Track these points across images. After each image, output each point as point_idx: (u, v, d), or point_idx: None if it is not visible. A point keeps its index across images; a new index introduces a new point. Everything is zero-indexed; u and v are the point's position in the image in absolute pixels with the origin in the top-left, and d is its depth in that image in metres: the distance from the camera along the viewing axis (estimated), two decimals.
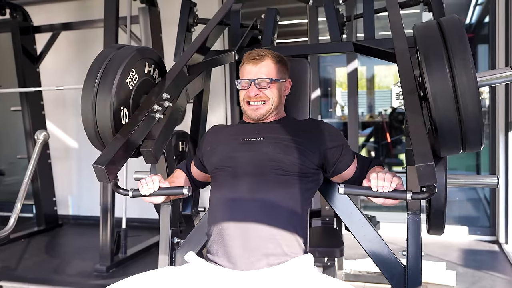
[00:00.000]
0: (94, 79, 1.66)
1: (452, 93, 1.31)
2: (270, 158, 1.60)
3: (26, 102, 4.66)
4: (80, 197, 5.34)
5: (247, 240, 1.51)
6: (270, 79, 1.70)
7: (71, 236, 4.82)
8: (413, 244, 1.68)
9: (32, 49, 4.75)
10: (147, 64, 1.84)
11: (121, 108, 1.70)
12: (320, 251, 2.46)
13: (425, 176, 1.27)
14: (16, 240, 4.43)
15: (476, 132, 1.35)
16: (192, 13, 2.33)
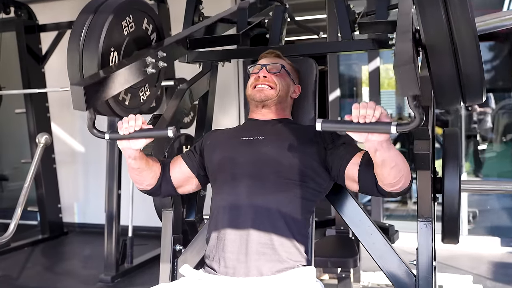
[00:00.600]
0: (87, 16, 1.68)
1: (447, 34, 1.27)
2: (269, 159, 1.65)
3: (30, 104, 4.82)
4: (86, 204, 5.48)
5: (245, 246, 1.57)
6: (282, 65, 1.81)
7: (76, 244, 4.95)
8: (424, 253, 1.71)
9: (37, 48, 4.92)
10: (146, 20, 1.90)
11: (111, 49, 1.71)
12: (333, 261, 2.51)
13: (405, 81, 1.20)
14: (20, 249, 4.58)
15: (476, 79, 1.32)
16: (198, 10, 2.40)
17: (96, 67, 1.64)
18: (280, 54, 1.90)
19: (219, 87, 2.40)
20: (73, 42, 1.66)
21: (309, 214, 1.71)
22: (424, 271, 1.71)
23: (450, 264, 3.83)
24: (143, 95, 1.99)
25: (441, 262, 3.81)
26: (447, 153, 1.82)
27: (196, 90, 2.23)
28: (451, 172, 1.78)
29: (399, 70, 1.19)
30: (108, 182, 3.82)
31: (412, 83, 1.20)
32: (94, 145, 5.28)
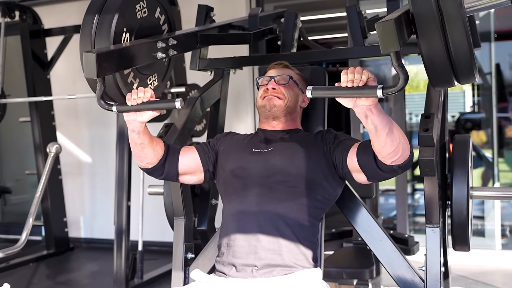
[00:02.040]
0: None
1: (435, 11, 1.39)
2: (278, 170, 1.91)
3: (35, 112, 5.14)
4: (93, 218, 5.78)
5: (254, 252, 1.82)
6: (290, 76, 2.05)
7: (83, 260, 5.25)
8: (432, 259, 1.92)
9: (43, 54, 5.25)
10: (159, 9, 2.16)
11: (124, 29, 1.93)
12: (348, 272, 2.74)
13: (385, 36, 1.34)
14: (25, 264, 4.88)
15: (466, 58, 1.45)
16: (209, 18, 2.67)
17: (108, 43, 1.87)
18: (288, 64, 2.13)
19: (233, 94, 2.66)
20: (88, 19, 1.90)
21: (318, 221, 1.96)
22: (433, 276, 1.92)
23: (481, 280, 4.02)
24: (151, 84, 2.24)
25: (471, 278, 4.02)
26: (456, 160, 2.05)
27: (207, 98, 2.49)
28: (460, 179, 2.01)
29: (380, 26, 1.35)
30: (117, 193, 4.10)
31: (393, 39, 1.34)
32: (102, 156, 5.59)
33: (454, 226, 2.03)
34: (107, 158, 5.34)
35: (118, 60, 1.81)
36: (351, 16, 2.42)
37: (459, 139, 2.15)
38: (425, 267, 1.94)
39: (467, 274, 4.15)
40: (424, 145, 1.83)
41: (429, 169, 1.82)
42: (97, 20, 1.90)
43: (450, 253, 4.40)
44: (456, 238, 2.08)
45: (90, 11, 1.93)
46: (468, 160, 2.05)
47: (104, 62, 1.72)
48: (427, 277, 1.93)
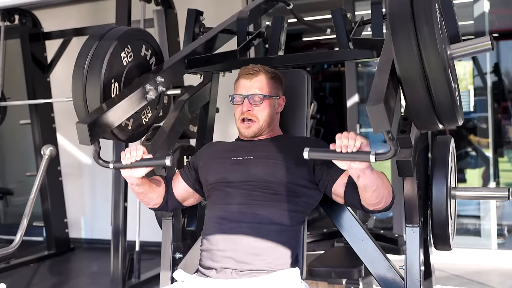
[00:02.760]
0: (89, 50, 2.01)
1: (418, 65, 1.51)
2: (259, 179, 1.95)
3: (35, 114, 5.22)
4: (94, 219, 5.84)
5: (235, 256, 1.87)
6: (263, 95, 2.04)
7: (83, 260, 5.31)
8: (411, 258, 1.96)
9: (42, 57, 5.33)
10: (144, 47, 2.22)
11: (112, 81, 2.03)
12: (337, 271, 2.78)
13: (376, 119, 1.44)
14: (25, 265, 4.96)
15: (447, 105, 1.56)
16: (198, 22, 2.72)
17: (99, 101, 1.98)
18: (260, 68, 2.08)
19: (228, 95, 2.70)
20: (77, 74, 2.01)
21: (300, 225, 2.01)
22: (413, 275, 1.96)
23: (476, 279, 4.05)
24: (145, 118, 2.33)
25: (466, 278, 4.05)
26: (436, 160, 2.09)
27: (196, 100, 2.53)
28: (439, 179, 2.05)
29: (370, 109, 1.46)
30: (114, 194, 4.16)
31: (383, 121, 1.45)
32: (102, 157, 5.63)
33: (434, 225, 2.07)
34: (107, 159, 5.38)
35: (110, 120, 1.91)
36: (337, 19, 2.47)
37: (440, 140, 2.18)
38: (405, 266, 1.98)
39: (462, 274, 4.18)
40: (402, 146, 1.86)
41: (406, 170, 1.86)
42: (86, 76, 1.99)
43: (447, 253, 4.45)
44: (436, 238, 2.12)
45: (78, 64, 2.02)
46: (448, 161, 2.08)
47: (96, 128, 1.83)
48: (407, 276, 1.97)
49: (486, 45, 1.65)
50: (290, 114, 2.22)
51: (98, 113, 1.88)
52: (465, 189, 2.21)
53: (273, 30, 2.60)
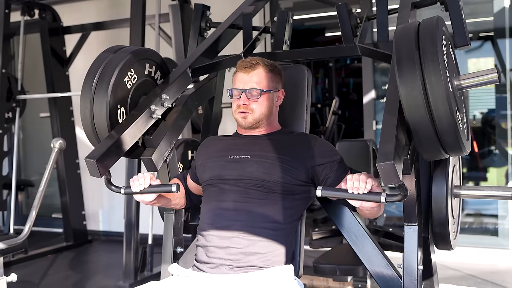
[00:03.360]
0: (92, 79, 2.05)
1: (422, 95, 1.56)
2: (254, 177, 1.95)
3: (55, 108, 5.31)
4: (111, 212, 5.91)
5: (230, 253, 1.87)
6: (261, 90, 2.03)
7: (100, 252, 5.40)
8: (409, 256, 1.93)
9: (62, 51, 5.40)
10: (147, 65, 2.23)
11: (117, 106, 2.08)
12: (341, 268, 2.76)
13: (386, 175, 1.52)
14: (43, 255, 5.07)
15: (451, 134, 1.59)
16: (205, 17, 2.72)
17: (107, 130, 2.03)
18: (258, 61, 2.07)
19: None
20: (84, 103, 2.07)
21: (296, 222, 2.00)
22: (410, 274, 1.93)
23: (490, 279, 3.98)
24: None
25: (480, 278, 3.99)
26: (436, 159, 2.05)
27: (202, 95, 2.54)
28: (439, 178, 2.01)
29: (380, 167, 1.52)
30: None
31: (393, 177, 1.53)
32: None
33: (434, 224, 2.04)
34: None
35: (118, 148, 1.97)
36: (342, 15, 2.44)
37: None
38: (403, 265, 1.96)
39: (477, 274, 4.12)
40: None
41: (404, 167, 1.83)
42: (92, 103, 2.05)
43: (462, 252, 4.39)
44: (436, 236, 2.09)
45: (84, 93, 2.08)
46: (449, 159, 2.04)
47: (104, 161, 1.89)
48: (404, 275, 1.94)
49: (493, 77, 1.67)
50: (290, 109, 2.21)
51: (106, 144, 1.94)
52: (469, 188, 2.17)
53: (278, 25, 2.59)
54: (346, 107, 9.50)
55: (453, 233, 2.14)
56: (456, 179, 2.19)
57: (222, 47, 2.59)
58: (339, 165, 1.97)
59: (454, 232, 2.16)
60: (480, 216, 5.78)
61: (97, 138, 2.10)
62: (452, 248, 2.14)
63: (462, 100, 1.78)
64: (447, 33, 1.77)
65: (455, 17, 2.19)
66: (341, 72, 9.97)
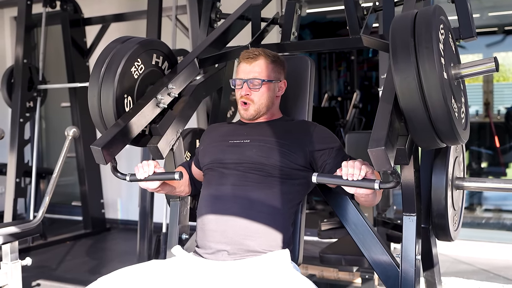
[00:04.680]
0: (100, 68, 2.10)
1: (416, 82, 1.57)
2: (253, 161, 1.99)
3: (75, 98, 5.41)
4: (129, 201, 6.00)
5: (226, 236, 1.91)
6: (262, 80, 2.07)
7: (117, 240, 5.50)
8: (407, 246, 1.95)
9: (82, 42, 5.49)
10: (155, 55, 2.28)
11: (124, 96, 2.13)
12: (347, 259, 2.78)
13: (377, 161, 1.55)
14: (62, 242, 5.19)
15: (445, 122, 1.59)
16: (215, 8, 2.76)
17: (113, 118, 2.08)
18: (260, 52, 2.11)
19: None
20: (92, 92, 2.11)
21: (294, 208, 2.03)
22: (408, 263, 1.95)
23: (502, 274, 3.95)
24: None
25: (492, 272, 3.97)
26: (437, 150, 2.06)
27: (210, 85, 2.58)
28: (439, 169, 2.03)
29: (371, 152, 1.55)
30: None
31: (385, 163, 1.56)
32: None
33: (433, 215, 2.05)
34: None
35: (123, 138, 2.02)
36: (348, 6, 2.45)
37: None
38: (401, 254, 1.97)
39: (490, 268, 4.09)
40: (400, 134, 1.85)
41: (401, 157, 1.84)
42: (99, 92, 2.09)
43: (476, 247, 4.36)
44: (436, 228, 2.10)
45: (92, 83, 2.11)
46: (449, 151, 2.05)
47: (110, 149, 1.94)
48: (402, 264, 1.96)
49: (490, 66, 1.67)
50: (292, 99, 2.24)
51: (112, 132, 1.98)
52: (472, 180, 2.17)
53: (285, 16, 2.61)
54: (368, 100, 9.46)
55: (454, 224, 2.15)
56: (458, 171, 2.20)
57: (230, 38, 2.62)
58: (338, 152, 1.99)
59: (455, 223, 2.17)
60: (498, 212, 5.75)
61: (105, 126, 2.15)
62: (452, 240, 2.15)
63: (460, 89, 1.79)
64: (446, 22, 1.77)
65: (461, 9, 2.19)
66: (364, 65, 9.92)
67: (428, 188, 2.12)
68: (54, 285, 3.93)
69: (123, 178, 2.02)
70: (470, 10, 2.17)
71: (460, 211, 2.26)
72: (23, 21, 4.95)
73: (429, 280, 2.30)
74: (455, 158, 2.13)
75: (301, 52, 2.53)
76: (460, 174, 2.24)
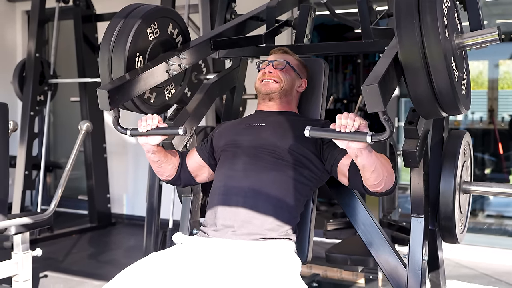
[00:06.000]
0: (117, 24, 2.09)
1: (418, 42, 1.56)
2: (267, 143, 2.05)
3: (85, 92, 5.46)
4: (135, 196, 6.06)
5: (236, 213, 1.96)
6: (287, 62, 2.18)
7: (122, 235, 5.56)
8: (414, 247, 2.00)
9: (94, 37, 5.54)
10: (171, 25, 2.29)
11: (136, 54, 2.10)
12: (353, 259, 2.83)
13: (370, 99, 1.52)
14: (68, 235, 5.26)
15: (448, 93, 1.59)
16: (230, 8, 2.81)
17: (123, 71, 2.06)
18: (288, 50, 2.26)
19: None
20: (104, 47, 2.10)
21: (303, 197, 2.06)
22: (415, 264, 2.00)
23: (504, 280, 4.00)
24: (168, 93, 2.40)
25: (494, 277, 4.01)
26: (446, 154, 2.11)
27: (224, 84, 2.62)
28: (448, 172, 2.07)
29: (365, 89, 1.53)
30: (150, 172, 4.31)
31: (377, 101, 1.53)
32: None
33: (441, 217, 2.09)
34: None
35: (130, 89, 1.99)
36: (362, 11, 2.50)
37: (453, 134, 2.20)
38: (408, 255, 2.02)
39: (491, 273, 4.13)
40: (408, 137, 1.90)
41: (412, 160, 1.89)
42: (112, 46, 2.07)
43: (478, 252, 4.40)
44: (442, 229, 2.15)
45: (106, 37, 2.10)
46: (458, 154, 2.10)
47: (116, 95, 1.91)
48: (409, 265, 2.01)
49: (494, 36, 1.67)
50: (306, 100, 2.29)
51: (120, 81, 1.97)
52: (479, 184, 2.22)
53: (300, 19, 2.66)
54: None
55: (460, 227, 2.20)
56: (466, 175, 2.24)
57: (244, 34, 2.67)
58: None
59: (461, 227, 2.21)
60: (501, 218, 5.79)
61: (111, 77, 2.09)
62: (458, 242, 2.20)
63: (463, 60, 1.78)
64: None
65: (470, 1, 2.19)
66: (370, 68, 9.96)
67: (436, 191, 2.16)
68: (61, 276, 3.99)
69: (123, 132, 2.00)
70: (479, 4, 2.19)
71: (466, 215, 2.30)
72: (36, 15, 5.00)
73: (434, 281, 2.34)
74: (463, 162, 2.18)
75: (313, 55, 2.57)
76: (468, 178, 2.28)
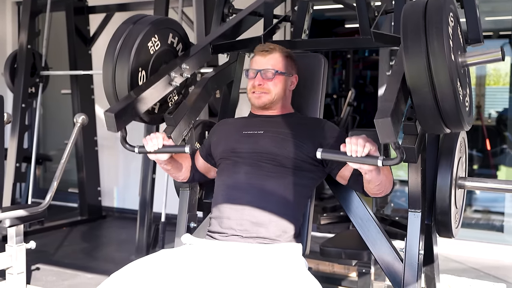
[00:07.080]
0: (118, 41, 2.14)
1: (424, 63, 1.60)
2: (266, 151, 2.06)
3: (76, 85, 5.43)
4: (126, 190, 6.05)
5: (241, 224, 1.98)
6: (276, 71, 2.14)
7: (113, 228, 5.56)
8: (411, 242, 2.02)
9: (85, 30, 5.52)
10: (171, 35, 2.33)
11: (139, 69, 2.17)
12: (347, 252, 2.85)
13: (383, 131, 1.58)
14: (58, 228, 5.23)
15: (451, 103, 1.62)
16: (228, 3, 2.81)
17: (127, 89, 2.11)
18: (274, 47, 2.20)
19: None
20: (107, 65, 2.15)
21: (305, 199, 2.10)
22: (411, 258, 2.03)
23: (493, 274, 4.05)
24: (170, 101, 2.46)
25: (483, 271, 4.07)
26: (442, 150, 2.14)
27: (221, 78, 2.63)
28: (444, 168, 2.10)
29: (377, 122, 1.58)
30: (143, 166, 4.32)
31: (390, 133, 1.58)
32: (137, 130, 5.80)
33: (437, 212, 2.13)
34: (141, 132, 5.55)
35: (136, 108, 2.05)
36: (360, 7, 2.51)
37: None
38: (405, 249, 2.05)
39: (480, 267, 4.19)
40: (407, 133, 1.92)
41: (410, 156, 1.91)
42: (115, 65, 2.13)
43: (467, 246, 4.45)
44: (439, 224, 2.18)
45: (108, 56, 2.16)
46: (454, 150, 2.13)
47: (122, 117, 1.97)
48: (405, 259, 2.03)
49: (497, 55, 1.71)
50: (305, 96, 2.30)
51: (125, 101, 2.02)
52: (474, 180, 2.25)
53: (298, 14, 2.67)
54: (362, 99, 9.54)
55: (455, 222, 2.23)
56: (461, 171, 2.28)
57: (242, 32, 2.68)
58: None
59: (456, 221, 2.25)
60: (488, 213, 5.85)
61: (116, 98, 2.17)
62: (453, 236, 2.23)
63: (466, 78, 1.82)
64: (455, 11, 1.80)
65: (470, 14, 2.24)
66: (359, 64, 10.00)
67: (432, 186, 2.19)
68: (53, 269, 3.98)
69: (131, 149, 2.05)
70: (478, 16, 2.24)
71: (461, 210, 2.34)
72: (28, 6, 4.98)
73: (428, 275, 2.38)
74: (459, 158, 2.21)
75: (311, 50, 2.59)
76: (463, 174, 2.32)
